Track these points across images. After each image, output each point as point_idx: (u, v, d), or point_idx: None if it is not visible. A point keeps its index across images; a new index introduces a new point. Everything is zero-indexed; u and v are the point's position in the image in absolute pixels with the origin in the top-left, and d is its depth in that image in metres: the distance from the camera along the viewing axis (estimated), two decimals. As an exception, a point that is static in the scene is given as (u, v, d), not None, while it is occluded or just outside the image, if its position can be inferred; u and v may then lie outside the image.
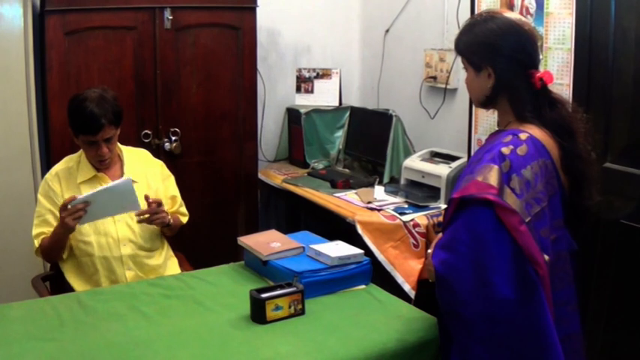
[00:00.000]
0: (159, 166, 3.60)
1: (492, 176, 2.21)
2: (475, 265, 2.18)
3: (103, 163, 3.35)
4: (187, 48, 4.39)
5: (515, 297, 2.14)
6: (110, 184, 3.18)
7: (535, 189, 2.23)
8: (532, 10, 3.70)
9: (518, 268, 2.15)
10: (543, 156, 2.29)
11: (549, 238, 2.27)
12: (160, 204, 3.33)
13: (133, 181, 3.28)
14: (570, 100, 3.43)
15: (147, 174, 3.49)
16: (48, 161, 4.06)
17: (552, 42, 3.59)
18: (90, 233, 3.31)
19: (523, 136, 2.29)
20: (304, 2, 5.43)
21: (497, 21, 2.38)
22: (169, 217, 3.42)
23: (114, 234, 3.34)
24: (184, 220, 3.65)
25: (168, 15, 4.25)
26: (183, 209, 3.65)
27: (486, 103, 2.46)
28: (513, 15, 2.46)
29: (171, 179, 3.63)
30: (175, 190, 3.63)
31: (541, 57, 2.39)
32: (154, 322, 2.63)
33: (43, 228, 3.32)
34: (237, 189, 4.71)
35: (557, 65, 3.57)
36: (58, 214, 3.24)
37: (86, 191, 3.23)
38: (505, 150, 2.25)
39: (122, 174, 3.39)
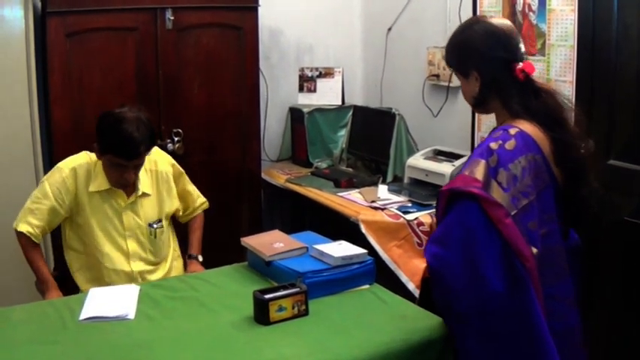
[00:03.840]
0: (170, 166, 3.49)
1: (479, 170, 2.26)
2: (467, 258, 2.23)
3: (123, 188, 3.26)
4: (189, 48, 4.39)
5: (505, 290, 2.18)
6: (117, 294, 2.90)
7: (522, 183, 2.26)
8: (534, 7, 3.70)
9: (507, 261, 2.19)
10: (533, 150, 2.32)
11: (539, 232, 2.29)
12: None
13: (146, 194, 3.31)
14: (573, 96, 3.44)
15: (158, 182, 3.40)
16: (51, 163, 4.05)
17: (555, 39, 3.59)
18: (104, 243, 3.26)
19: (513, 131, 2.33)
20: (306, 1, 5.41)
21: (475, 27, 2.47)
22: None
23: (124, 249, 3.30)
24: (206, 206, 3.69)
25: (169, 15, 4.25)
26: (201, 199, 3.66)
27: (477, 104, 2.52)
28: (494, 19, 2.53)
29: (184, 176, 3.57)
30: (190, 185, 3.61)
31: (523, 49, 2.44)
32: (158, 324, 2.63)
33: (33, 218, 3.20)
34: (241, 189, 4.71)
35: (560, 62, 3.56)
36: (58, 210, 3.22)
37: (98, 204, 3.23)
38: (493, 145, 2.30)
39: (135, 189, 3.29)
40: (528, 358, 2.23)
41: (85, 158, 3.30)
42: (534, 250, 2.22)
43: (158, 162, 3.43)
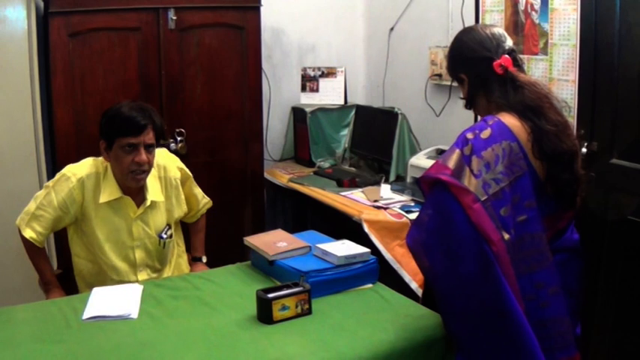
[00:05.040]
0: (178, 171, 3.42)
1: (452, 159, 2.37)
2: (442, 242, 2.35)
3: (139, 177, 3.12)
4: (192, 48, 4.39)
5: (477, 272, 2.27)
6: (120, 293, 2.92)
7: (494, 170, 2.34)
8: (537, 7, 3.70)
9: (478, 245, 2.27)
10: (508, 138, 2.39)
11: (513, 218, 2.34)
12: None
13: (155, 203, 3.27)
14: (576, 95, 3.44)
15: (167, 189, 3.34)
16: (54, 163, 4.07)
17: (557, 38, 3.59)
18: (110, 254, 3.21)
19: (491, 121, 2.43)
20: (308, 1, 5.43)
21: (462, 36, 2.64)
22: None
23: (131, 259, 3.25)
24: (209, 205, 3.65)
25: (172, 15, 4.25)
26: (205, 199, 3.61)
27: (468, 103, 2.64)
28: (481, 27, 2.65)
29: (191, 179, 3.51)
30: (196, 188, 3.56)
31: (507, 47, 2.54)
32: (161, 323, 2.63)
33: (37, 225, 3.15)
34: (243, 189, 4.71)
35: (563, 61, 3.56)
36: (63, 217, 3.17)
37: (106, 215, 3.17)
38: (469, 135, 2.40)
39: (144, 199, 3.23)
40: (506, 341, 2.29)
41: (92, 167, 3.20)
42: (506, 235, 2.29)
43: (167, 167, 3.36)
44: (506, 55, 2.51)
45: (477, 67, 2.54)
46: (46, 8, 4.00)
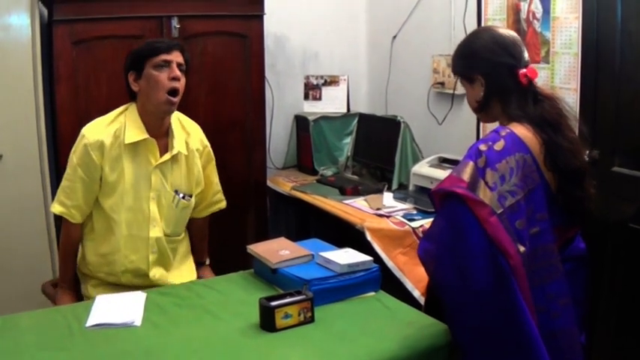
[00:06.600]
0: (200, 145, 3.42)
1: (466, 172, 2.34)
2: (454, 255, 2.33)
3: (174, 99, 3.14)
4: (195, 57, 4.38)
5: (490, 286, 2.25)
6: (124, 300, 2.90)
7: (509, 182, 2.32)
8: (538, 15, 3.71)
9: (492, 259, 2.25)
10: (521, 150, 2.37)
11: (527, 230, 2.33)
12: None
13: (179, 156, 3.26)
14: (578, 104, 3.45)
15: (189, 154, 3.33)
16: (57, 170, 4.07)
17: (559, 46, 3.60)
18: (120, 210, 3.18)
19: (503, 132, 2.40)
20: (311, 9, 5.44)
21: (481, 35, 2.57)
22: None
23: (146, 212, 3.22)
24: (222, 206, 3.66)
25: (175, 24, 4.26)
26: (219, 195, 3.62)
27: (480, 109, 2.58)
28: (500, 29, 2.60)
29: (213, 164, 3.54)
30: (215, 177, 3.56)
31: (527, 58, 2.50)
32: (165, 331, 2.63)
33: (65, 197, 3.18)
34: (246, 197, 4.70)
35: (564, 70, 3.57)
36: (89, 183, 3.16)
37: (128, 165, 3.15)
38: (482, 147, 2.36)
39: (168, 148, 3.23)
40: (516, 353, 2.28)
41: (109, 124, 3.22)
42: (522, 248, 2.28)
43: (191, 135, 3.37)
44: (531, 66, 2.47)
45: (497, 72, 2.47)
46: (50, 16, 4.01)
